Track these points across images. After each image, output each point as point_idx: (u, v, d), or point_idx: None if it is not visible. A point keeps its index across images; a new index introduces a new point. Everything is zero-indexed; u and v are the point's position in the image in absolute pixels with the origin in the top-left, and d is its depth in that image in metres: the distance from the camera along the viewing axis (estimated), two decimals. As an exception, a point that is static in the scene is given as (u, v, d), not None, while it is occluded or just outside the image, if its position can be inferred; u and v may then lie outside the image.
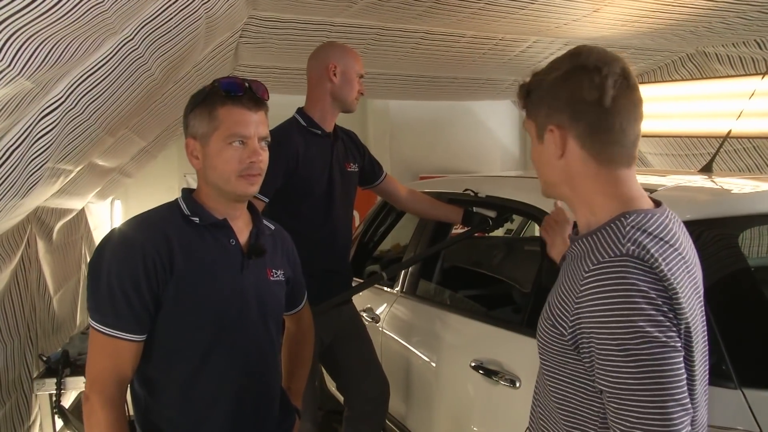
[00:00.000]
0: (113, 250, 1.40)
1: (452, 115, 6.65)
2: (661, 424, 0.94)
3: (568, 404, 1.10)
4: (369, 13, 3.13)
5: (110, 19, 1.47)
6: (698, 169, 2.47)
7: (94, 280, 1.39)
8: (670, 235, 1.04)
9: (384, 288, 2.93)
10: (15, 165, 1.76)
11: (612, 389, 0.98)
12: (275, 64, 4.28)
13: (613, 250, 1.00)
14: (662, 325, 0.95)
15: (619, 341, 0.96)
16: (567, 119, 1.08)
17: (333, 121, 2.33)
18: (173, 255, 1.39)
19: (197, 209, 1.47)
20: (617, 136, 1.07)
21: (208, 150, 1.42)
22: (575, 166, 1.10)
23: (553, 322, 1.08)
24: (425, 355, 2.50)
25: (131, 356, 1.40)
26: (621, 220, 1.04)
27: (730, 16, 3.13)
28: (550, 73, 1.11)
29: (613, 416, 0.99)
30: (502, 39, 3.79)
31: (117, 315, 1.36)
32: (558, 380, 1.11)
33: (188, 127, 1.46)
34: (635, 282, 0.96)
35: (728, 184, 2.14)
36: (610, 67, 1.05)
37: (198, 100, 1.44)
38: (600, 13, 3.08)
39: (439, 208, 2.56)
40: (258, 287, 1.52)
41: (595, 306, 0.98)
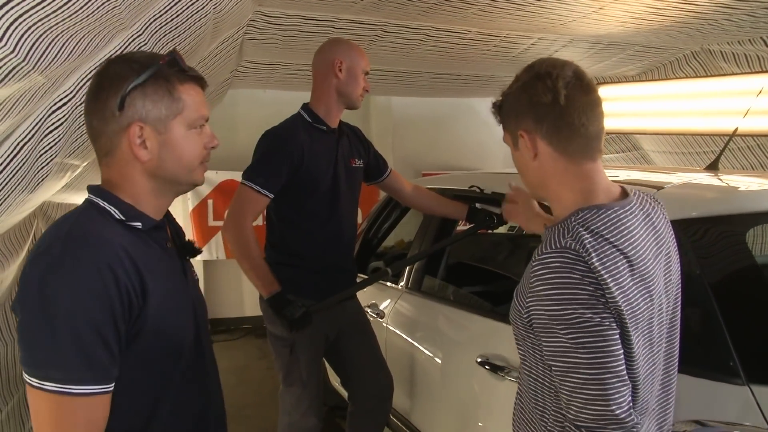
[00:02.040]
0: (69, 281, 1.03)
1: (455, 111, 6.65)
2: (600, 393, 1.08)
3: (531, 375, 1.26)
4: (374, 10, 3.14)
5: (122, 14, 1.47)
6: (704, 166, 2.47)
7: (42, 324, 1.02)
8: (614, 232, 1.15)
9: (388, 284, 2.93)
10: (25, 159, 1.76)
11: (557, 364, 1.13)
12: (279, 60, 4.29)
13: (557, 243, 1.14)
14: (595, 308, 1.09)
15: (560, 322, 1.10)
16: (532, 123, 1.21)
17: (338, 117, 2.34)
18: (142, 276, 1.10)
19: (132, 212, 1.17)
20: (579, 129, 1.19)
21: (168, 137, 1.17)
22: (547, 165, 1.23)
23: (516, 303, 1.24)
24: (430, 350, 2.51)
25: (106, 412, 1.08)
26: (571, 217, 1.18)
27: (737, 14, 3.13)
28: (512, 87, 1.25)
29: (561, 387, 1.13)
30: (507, 36, 3.79)
31: (89, 365, 1.03)
32: (523, 354, 1.28)
33: (128, 108, 1.13)
34: (569, 271, 1.10)
35: (735, 182, 2.15)
36: (560, 71, 1.18)
37: (144, 75, 1.13)
38: (605, 10, 3.08)
39: (443, 204, 2.57)
40: (196, 290, 1.34)
41: (539, 292, 1.13)
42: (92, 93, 1.18)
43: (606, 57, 4.26)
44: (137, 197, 1.19)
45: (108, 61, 1.20)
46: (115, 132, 1.15)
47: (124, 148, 1.16)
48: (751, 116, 2.60)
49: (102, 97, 1.15)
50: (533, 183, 1.30)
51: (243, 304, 5.87)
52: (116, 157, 1.17)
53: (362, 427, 2.49)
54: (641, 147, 5.07)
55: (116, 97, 1.13)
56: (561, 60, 1.22)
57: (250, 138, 2.35)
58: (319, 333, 2.28)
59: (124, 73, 1.14)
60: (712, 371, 1.47)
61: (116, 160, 1.17)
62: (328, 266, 2.29)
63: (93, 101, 1.17)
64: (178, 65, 1.18)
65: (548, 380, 1.21)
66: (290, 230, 2.28)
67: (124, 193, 1.18)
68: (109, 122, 1.15)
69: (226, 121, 5.58)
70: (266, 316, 2.30)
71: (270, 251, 2.33)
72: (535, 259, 1.15)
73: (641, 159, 5.14)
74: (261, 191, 2.13)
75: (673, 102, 4.15)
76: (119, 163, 1.17)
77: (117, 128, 1.15)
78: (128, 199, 1.18)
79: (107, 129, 1.16)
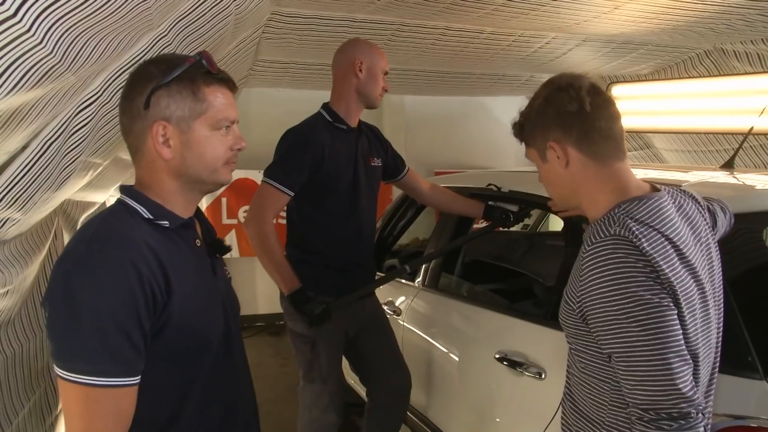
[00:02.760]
0: (95, 277, 1.07)
1: (467, 110, 6.66)
2: (665, 373, 1.10)
3: (586, 370, 1.28)
4: (390, 10, 3.16)
5: (152, 15, 1.50)
6: (716, 165, 2.48)
7: (70, 319, 1.06)
8: (657, 220, 1.20)
9: (405, 281, 2.96)
10: (52, 158, 1.80)
11: (618, 351, 1.14)
12: (294, 59, 4.32)
13: (604, 233, 1.19)
14: (652, 288, 1.12)
15: (619, 307, 1.13)
16: (560, 133, 1.28)
17: (358, 116, 2.37)
18: (166, 273, 1.14)
19: (159, 210, 1.21)
20: (606, 132, 1.26)
21: (191, 137, 1.19)
22: (578, 171, 1.28)
23: (566, 300, 1.27)
24: (447, 347, 2.54)
25: (132, 404, 1.12)
26: (615, 210, 1.23)
27: (750, 13, 3.13)
28: (533, 104, 1.32)
29: (623, 374, 1.15)
30: (521, 35, 3.80)
31: (115, 359, 1.07)
32: (576, 349, 1.31)
33: (153, 107, 1.17)
34: (623, 256, 1.14)
35: (751, 180, 2.16)
36: (579, 82, 1.26)
37: (169, 75, 1.17)
38: (620, 9, 3.09)
39: (460, 202, 2.59)
40: (227, 288, 1.37)
41: (593, 280, 1.16)
42: (124, 92, 1.23)
43: (619, 56, 4.26)
44: (165, 196, 1.23)
45: (143, 61, 1.25)
46: (141, 130, 1.20)
47: (149, 146, 1.20)
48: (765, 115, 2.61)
49: (131, 96, 1.19)
50: (564, 193, 1.35)
51: (256, 303, 5.90)
52: (143, 155, 1.22)
53: (380, 423, 2.52)
54: (653, 145, 5.07)
55: (143, 95, 1.17)
56: (575, 73, 1.31)
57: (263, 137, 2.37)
58: (340, 329, 2.31)
59: (153, 73, 1.18)
60: (732, 366, 1.48)
61: (144, 158, 1.22)
62: (347, 263, 2.32)
63: (124, 100, 1.22)
64: (205, 67, 1.20)
65: (604, 373, 1.23)
66: (311, 228, 2.31)
67: (152, 192, 1.22)
68: (136, 120, 1.19)
69: (239, 120, 5.62)
70: (287, 313, 2.33)
71: (290, 249, 2.37)
72: (584, 251, 1.20)
73: (654, 157, 5.14)
74: (282, 189, 2.16)
75: (685, 101, 4.16)
76: (146, 161, 1.22)
77: (143, 126, 1.19)
78: (157, 198, 1.22)
79: (135, 127, 1.20)
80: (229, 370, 1.31)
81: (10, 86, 1.09)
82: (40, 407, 2.63)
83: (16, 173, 1.58)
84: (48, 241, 2.70)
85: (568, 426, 1.38)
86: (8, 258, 1.82)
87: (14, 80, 1.09)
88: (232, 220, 5.71)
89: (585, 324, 1.22)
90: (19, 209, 1.71)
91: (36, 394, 2.58)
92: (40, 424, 2.54)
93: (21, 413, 2.28)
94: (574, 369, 1.34)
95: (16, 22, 0.95)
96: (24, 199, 1.70)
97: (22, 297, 2.17)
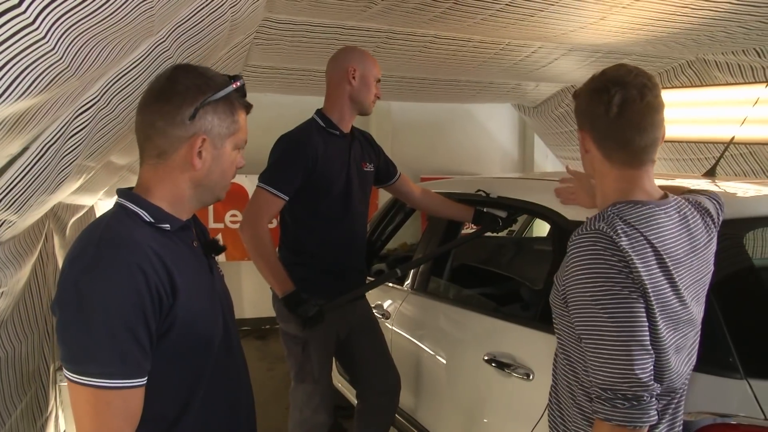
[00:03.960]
0: (103, 280, 1.10)
1: (453, 117, 6.73)
2: (625, 359, 1.21)
3: (564, 349, 1.40)
4: (381, 17, 3.20)
5: (154, 21, 1.53)
6: (701, 173, 2.55)
7: (79, 322, 1.09)
8: (645, 225, 1.28)
9: (394, 285, 3.00)
10: (49, 161, 1.81)
11: (587, 334, 1.26)
12: (283, 65, 4.35)
13: (592, 226, 1.28)
14: (623, 283, 1.22)
15: (591, 294, 1.24)
16: (588, 126, 1.38)
17: (350, 122, 2.41)
18: (171, 274, 1.17)
19: (160, 214, 1.24)
20: (624, 144, 1.32)
21: (221, 153, 1.27)
22: (596, 164, 1.39)
23: (555, 285, 1.39)
24: (436, 349, 2.57)
25: (140, 404, 1.15)
26: (609, 208, 1.31)
27: (731, 26, 3.22)
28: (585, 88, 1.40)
29: (589, 356, 1.26)
30: (508, 44, 3.87)
31: (124, 360, 1.10)
32: (559, 333, 1.42)
33: (199, 120, 1.23)
34: (600, 250, 1.24)
35: (732, 188, 2.22)
36: (622, 87, 1.30)
37: (221, 93, 1.25)
38: (606, 21, 3.16)
39: (451, 206, 2.64)
40: (222, 285, 1.41)
41: (573, 269, 1.28)
42: (163, 95, 1.25)
43: (603, 65, 4.31)
44: (173, 200, 1.26)
45: (177, 68, 1.31)
46: (179, 138, 1.23)
47: (182, 154, 1.24)
48: (745, 125, 2.69)
49: (175, 102, 1.23)
50: (588, 172, 1.48)
51: (242, 307, 5.91)
52: (169, 160, 1.25)
53: (370, 423, 2.55)
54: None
55: (191, 106, 1.22)
56: (635, 71, 1.33)
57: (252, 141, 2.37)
58: (331, 331, 2.34)
59: (203, 87, 1.24)
60: (713, 366, 1.54)
61: (167, 163, 1.25)
62: (340, 266, 2.35)
63: (164, 103, 1.24)
64: (243, 91, 1.29)
65: (577, 354, 1.35)
66: (304, 231, 2.34)
67: (156, 196, 1.25)
68: (177, 127, 1.23)
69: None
70: (279, 315, 2.35)
71: (284, 252, 2.40)
72: (572, 240, 1.30)
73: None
74: (277, 194, 2.19)
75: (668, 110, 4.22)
76: (170, 166, 1.25)
77: (183, 135, 1.23)
78: (159, 201, 1.25)
79: (172, 133, 1.23)
80: (231, 366, 1.36)
81: (20, 91, 1.11)
82: (31, 408, 2.63)
83: (15, 176, 1.59)
84: (39, 243, 2.70)
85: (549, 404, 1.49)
86: (2, 261, 1.83)
87: (25, 86, 1.12)
88: (218, 224, 5.72)
89: (566, 307, 1.33)
90: (15, 212, 1.72)
91: (27, 396, 2.58)
92: (32, 425, 2.54)
93: (14, 414, 2.28)
94: (558, 351, 1.45)
95: (34, 30, 0.98)
96: (21, 201, 1.71)
97: (14, 299, 2.17)
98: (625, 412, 1.20)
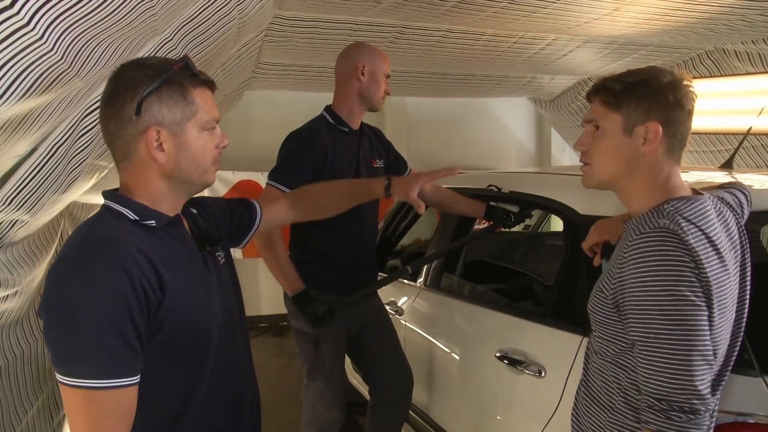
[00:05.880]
0: (85, 281, 1.08)
1: (468, 111, 6.68)
2: (685, 369, 1.13)
3: (606, 357, 1.32)
4: (392, 12, 3.19)
5: (157, 20, 1.53)
6: (718, 165, 2.50)
7: (65, 325, 1.08)
8: (703, 221, 1.23)
9: (407, 282, 2.98)
10: (59, 161, 1.83)
11: (643, 339, 1.18)
12: (295, 61, 4.35)
13: (652, 225, 1.20)
14: (693, 286, 1.15)
15: (655, 298, 1.16)
16: (663, 120, 1.28)
17: (359, 118, 2.40)
18: (158, 271, 1.15)
19: (144, 211, 1.22)
20: (684, 137, 1.31)
21: (184, 139, 1.21)
22: (651, 161, 1.30)
23: (600, 287, 1.31)
24: (449, 346, 2.56)
25: (133, 403, 1.14)
26: (663, 205, 1.26)
27: (750, 14, 3.15)
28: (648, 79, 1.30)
29: (643, 361, 1.18)
30: (522, 37, 3.83)
31: (111, 360, 1.08)
32: (600, 337, 1.34)
33: (145, 113, 1.17)
34: (670, 249, 1.16)
35: (749, 180, 2.18)
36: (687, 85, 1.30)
37: (158, 80, 1.18)
38: (620, 11, 3.11)
39: (462, 202, 2.61)
40: (223, 278, 1.38)
41: (636, 268, 1.19)
42: (108, 98, 1.22)
43: (620, 57, 4.28)
44: (153, 197, 1.24)
45: (121, 66, 1.23)
46: (132, 136, 1.20)
47: (142, 151, 1.21)
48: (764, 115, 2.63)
49: (118, 103, 1.19)
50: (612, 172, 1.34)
51: (260, 304, 5.94)
52: (133, 160, 1.22)
53: (383, 420, 2.55)
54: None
55: (133, 102, 1.17)
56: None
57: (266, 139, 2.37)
58: (343, 328, 2.34)
59: (140, 79, 1.18)
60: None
61: (133, 163, 1.22)
62: (350, 263, 2.35)
63: (109, 106, 1.21)
64: (190, 70, 1.22)
65: (623, 360, 1.28)
66: (314, 228, 2.34)
67: (138, 195, 1.23)
68: (126, 127, 1.19)
69: (242, 123, 5.66)
70: (290, 312, 2.35)
71: (294, 249, 2.39)
72: (632, 240, 1.21)
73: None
74: (287, 191, 2.18)
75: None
76: (136, 165, 1.22)
77: (134, 132, 1.19)
78: (143, 200, 1.23)
79: (124, 133, 1.20)
80: (233, 360, 1.34)
81: (22, 91, 1.12)
82: (48, 406, 2.66)
83: (25, 176, 1.61)
84: (54, 242, 2.73)
85: (577, 412, 1.43)
86: (16, 259, 1.85)
87: (26, 86, 1.12)
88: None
89: (616, 311, 1.26)
90: (27, 211, 1.74)
91: (44, 393, 2.62)
92: (48, 422, 2.57)
93: (30, 412, 2.31)
94: (593, 356, 1.38)
95: (29, 31, 0.98)
96: (32, 201, 1.73)
97: (30, 298, 2.20)
98: (681, 426, 1.13)
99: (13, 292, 1.93)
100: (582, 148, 1.39)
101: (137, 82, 1.18)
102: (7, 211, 1.60)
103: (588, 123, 1.38)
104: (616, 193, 1.39)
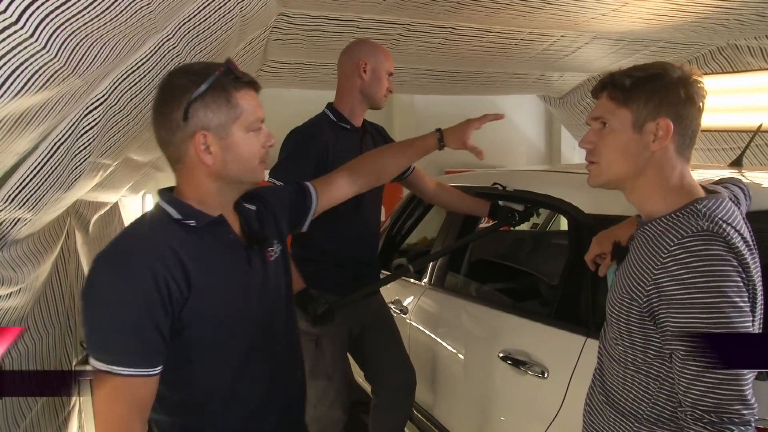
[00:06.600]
0: (114, 277, 1.19)
1: (478, 109, 6.57)
2: (734, 377, 1.08)
3: (632, 366, 1.25)
4: (398, 9, 3.17)
5: (155, 18, 1.53)
6: (728, 163, 2.46)
7: (94, 314, 1.19)
8: (735, 221, 1.18)
9: (411, 280, 2.97)
10: (61, 159, 1.83)
11: (687, 347, 1.11)
12: (302, 59, 4.34)
13: (693, 228, 1.14)
14: (741, 291, 1.10)
15: (703, 304, 1.09)
16: (674, 116, 1.23)
17: (362, 116, 2.39)
18: (186, 270, 1.22)
19: (188, 211, 1.29)
20: (695, 135, 1.27)
21: (230, 141, 1.27)
22: (662, 159, 1.25)
23: (629, 294, 1.22)
24: (453, 345, 2.55)
25: (150, 392, 1.22)
26: (695, 205, 1.19)
27: (763, 8, 3.10)
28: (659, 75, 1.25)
29: (686, 372, 1.12)
30: (530, 33, 3.79)
31: (129, 351, 1.18)
32: (626, 345, 1.26)
33: (192, 118, 1.24)
34: (719, 252, 1.10)
35: (759, 179, 2.14)
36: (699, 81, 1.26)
37: (203, 86, 1.24)
38: (628, 7, 3.07)
39: (466, 201, 2.59)
40: (265, 277, 1.41)
41: (681, 274, 1.12)
42: (157, 106, 1.30)
43: (630, 53, 4.24)
44: (202, 197, 1.31)
45: (169, 74, 1.32)
46: (181, 140, 1.27)
47: (191, 154, 1.28)
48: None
49: (166, 110, 1.27)
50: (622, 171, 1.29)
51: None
52: (185, 163, 1.30)
53: (385, 420, 2.53)
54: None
55: (180, 109, 1.24)
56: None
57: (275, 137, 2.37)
58: (344, 327, 2.32)
59: (185, 86, 1.25)
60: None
61: (185, 166, 1.30)
62: (352, 262, 2.33)
63: (159, 114, 1.29)
64: (233, 73, 1.27)
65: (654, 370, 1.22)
66: (315, 226, 2.32)
67: (187, 195, 1.31)
68: (176, 132, 1.27)
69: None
70: (291, 311, 2.35)
71: (295, 247, 2.38)
72: (672, 245, 1.15)
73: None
74: None
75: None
76: (187, 168, 1.30)
77: (183, 137, 1.27)
78: (192, 200, 1.31)
79: (174, 139, 1.28)
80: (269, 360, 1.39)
81: (15, 90, 1.12)
82: (53, 402, 2.67)
83: (27, 174, 1.61)
84: (60, 240, 2.74)
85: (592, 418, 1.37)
86: (20, 257, 1.86)
87: (19, 84, 1.12)
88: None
89: (650, 320, 1.19)
90: (30, 209, 1.75)
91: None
92: (54, 418, 2.59)
93: (35, 408, 2.32)
94: (615, 365, 1.31)
95: (19, 29, 0.98)
96: (35, 199, 1.74)
97: (34, 295, 2.20)
98: None
99: (16, 290, 1.93)
100: (588, 146, 1.34)
101: (183, 89, 1.25)
102: (9, 209, 1.61)
103: (594, 120, 1.34)
104: (623, 193, 1.33)
